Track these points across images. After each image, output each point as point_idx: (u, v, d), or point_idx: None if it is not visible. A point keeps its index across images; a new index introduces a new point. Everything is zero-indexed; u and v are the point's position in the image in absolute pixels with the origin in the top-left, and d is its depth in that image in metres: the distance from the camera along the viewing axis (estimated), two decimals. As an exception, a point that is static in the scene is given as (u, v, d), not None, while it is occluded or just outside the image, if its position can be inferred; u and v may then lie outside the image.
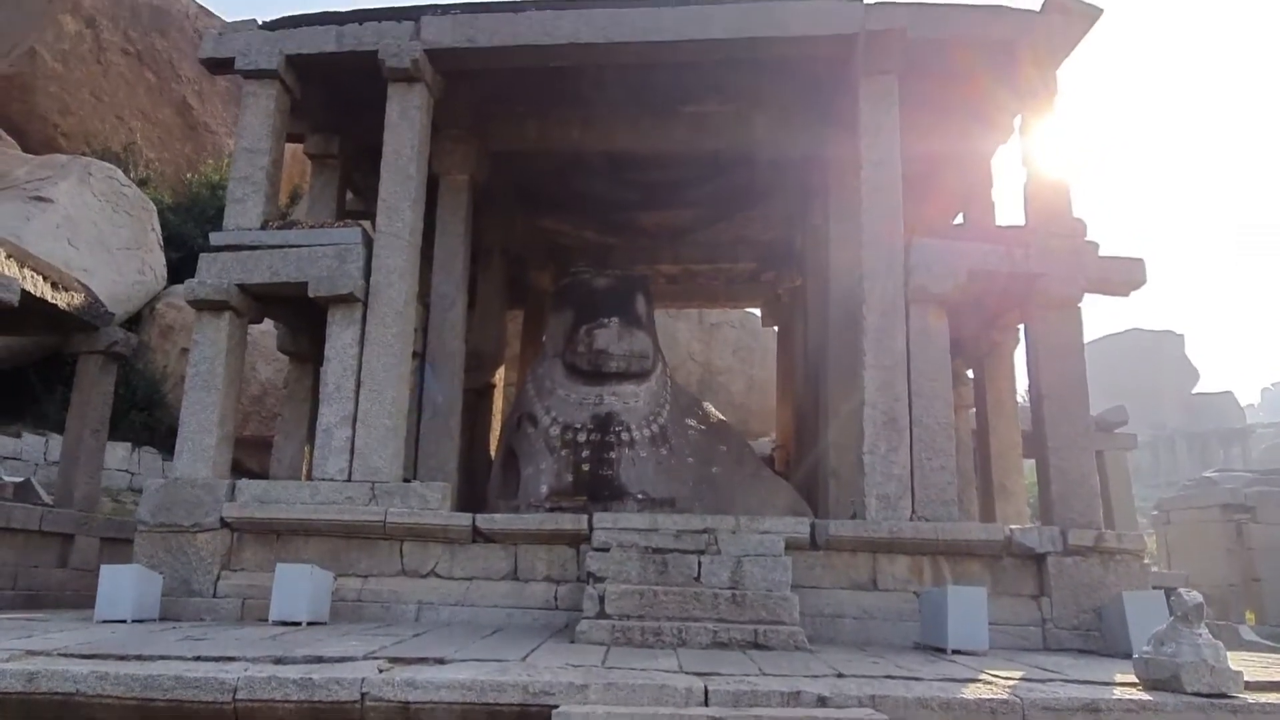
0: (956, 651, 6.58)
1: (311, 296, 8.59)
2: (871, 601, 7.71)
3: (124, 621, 7.07)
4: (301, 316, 9.68)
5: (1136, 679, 5.18)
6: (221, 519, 8.06)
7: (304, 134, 10.94)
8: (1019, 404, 11.16)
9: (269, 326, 11.27)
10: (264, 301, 9.10)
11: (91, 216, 14.84)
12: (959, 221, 11.58)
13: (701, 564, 7.34)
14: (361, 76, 9.26)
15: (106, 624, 6.97)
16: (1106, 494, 14.04)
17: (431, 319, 10.22)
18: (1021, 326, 9.68)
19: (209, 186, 18.84)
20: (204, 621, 7.52)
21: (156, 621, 7.37)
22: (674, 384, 11.05)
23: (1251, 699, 4.84)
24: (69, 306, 10.30)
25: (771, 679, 4.89)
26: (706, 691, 4.53)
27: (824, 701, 4.49)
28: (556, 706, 4.29)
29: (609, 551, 7.40)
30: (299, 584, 7.18)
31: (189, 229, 17.37)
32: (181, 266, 15.70)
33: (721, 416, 11.78)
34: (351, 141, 10.94)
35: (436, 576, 8.01)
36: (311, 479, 8.46)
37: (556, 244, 14.12)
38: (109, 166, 15.99)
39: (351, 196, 12.06)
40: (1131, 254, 9.21)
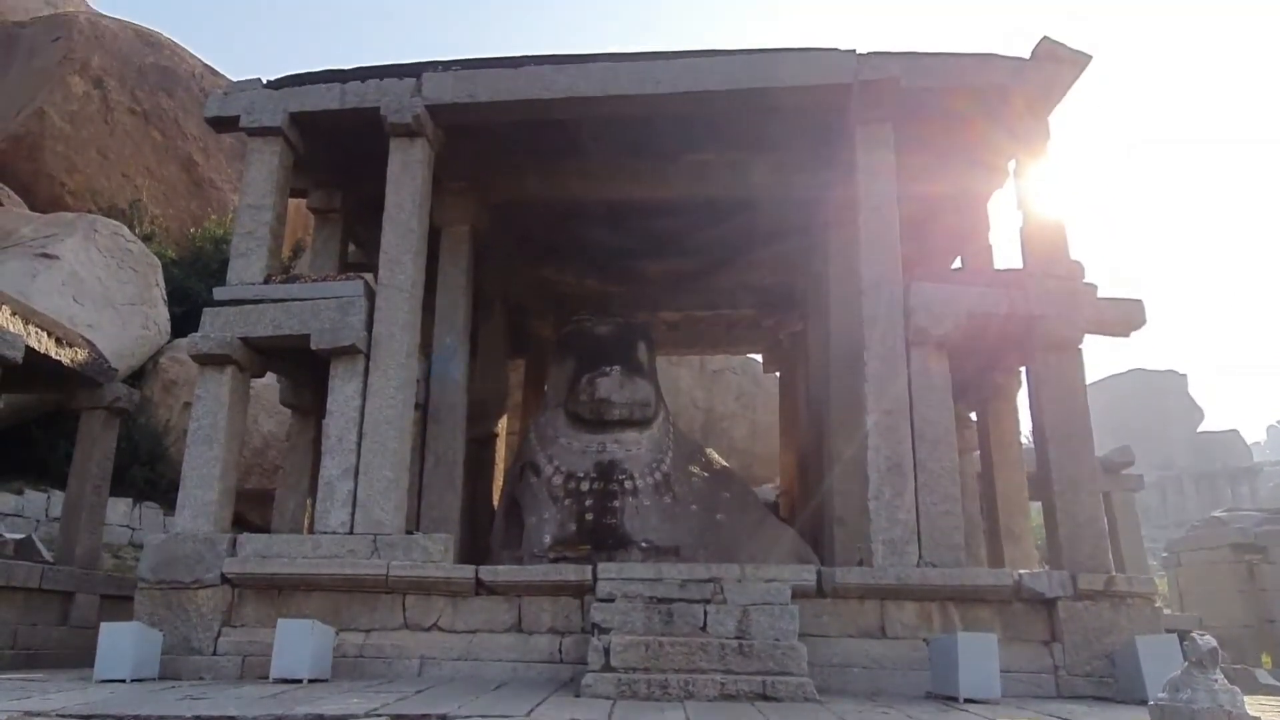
0: (969, 700, 6.47)
1: (314, 349, 8.62)
2: (880, 650, 7.61)
3: (123, 681, 6.99)
4: (304, 369, 9.71)
5: (1153, 727, 5.07)
6: (222, 575, 8.01)
7: (307, 189, 11.08)
8: (1023, 446, 11.11)
9: (271, 380, 11.29)
10: (267, 354, 9.14)
11: (96, 273, 14.98)
12: (957, 265, 11.64)
13: (708, 614, 7.25)
14: (364, 132, 9.40)
15: (105, 684, 6.89)
16: (1115, 536, 13.92)
17: (434, 369, 10.24)
18: (1023, 369, 9.68)
19: (213, 241, 19.02)
20: (204, 680, 7.43)
21: (156, 680, 7.28)
22: (677, 431, 11.02)
23: (1271, 746, 4.75)
24: (73, 363, 10.35)
25: (780, 732, 4.81)
26: (714, 746, 4.46)
27: (834, 755, 4.41)
28: (562, 764, 4.22)
29: (614, 602, 7.33)
30: (300, 640, 7.11)
31: (193, 283, 17.51)
32: (185, 320, 15.81)
33: (725, 463, 11.72)
34: (354, 195, 11.07)
35: (439, 630, 7.93)
36: (314, 532, 8.41)
37: (558, 293, 14.17)
38: (114, 223, 16.14)
39: (354, 249, 12.16)
40: (1131, 295, 9.22)
